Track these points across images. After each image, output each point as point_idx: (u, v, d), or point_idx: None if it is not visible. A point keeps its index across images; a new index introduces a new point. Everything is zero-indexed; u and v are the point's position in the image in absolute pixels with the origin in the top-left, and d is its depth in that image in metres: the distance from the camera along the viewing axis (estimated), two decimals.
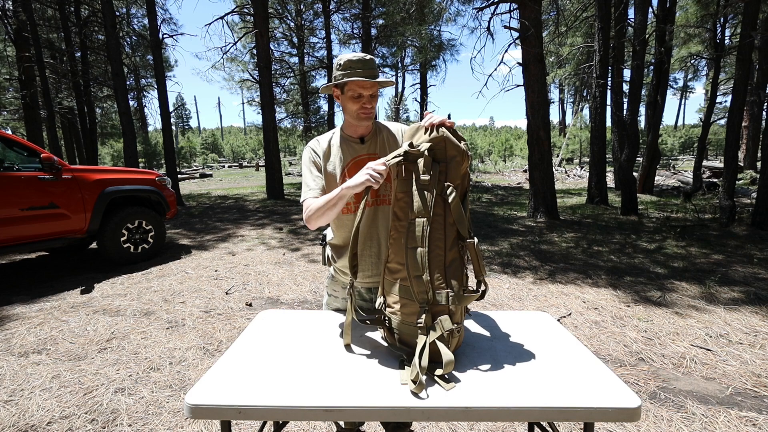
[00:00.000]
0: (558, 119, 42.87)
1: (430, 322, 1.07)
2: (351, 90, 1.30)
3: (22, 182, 3.89)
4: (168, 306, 3.45)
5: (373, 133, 1.42)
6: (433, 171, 1.10)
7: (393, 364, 1.12)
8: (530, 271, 4.38)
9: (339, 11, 15.18)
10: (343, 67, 1.30)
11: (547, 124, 7.08)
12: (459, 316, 1.11)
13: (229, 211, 8.90)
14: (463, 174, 1.14)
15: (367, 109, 1.33)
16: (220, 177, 21.81)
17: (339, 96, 1.36)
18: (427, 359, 1.02)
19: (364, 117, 1.34)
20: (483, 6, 7.71)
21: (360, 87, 1.30)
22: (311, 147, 1.42)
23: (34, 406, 2.06)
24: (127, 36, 15.67)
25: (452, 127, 1.16)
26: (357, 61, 1.29)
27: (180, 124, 53.51)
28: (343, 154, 1.39)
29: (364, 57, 1.30)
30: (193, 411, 0.94)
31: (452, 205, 1.09)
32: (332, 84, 1.33)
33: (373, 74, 1.30)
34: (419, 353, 1.03)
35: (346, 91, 1.32)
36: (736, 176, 7.03)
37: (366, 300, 1.50)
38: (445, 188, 1.10)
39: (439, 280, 1.08)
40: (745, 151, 16.65)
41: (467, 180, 1.16)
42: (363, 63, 1.29)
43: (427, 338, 1.06)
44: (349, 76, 1.28)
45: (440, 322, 1.06)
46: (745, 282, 3.87)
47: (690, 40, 13.64)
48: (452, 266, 1.10)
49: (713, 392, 2.15)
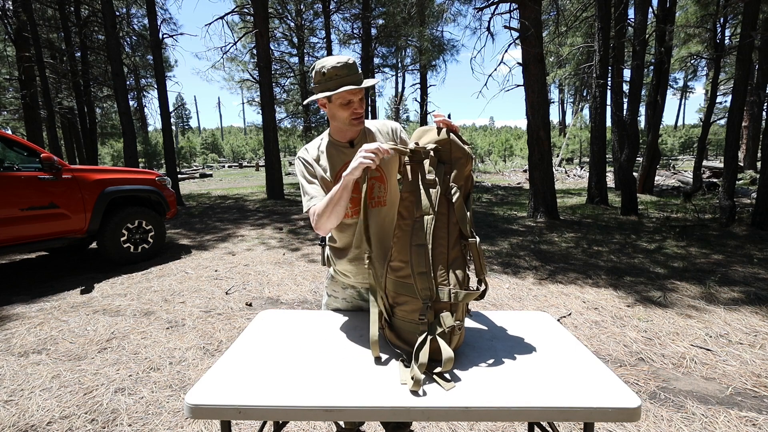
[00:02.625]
0: (558, 119, 42.90)
1: (432, 319, 1.08)
2: (340, 98, 1.28)
3: (22, 182, 3.88)
4: (168, 306, 3.45)
5: (362, 135, 1.41)
6: (438, 171, 1.15)
7: (393, 363, 1.12)
8: (530, 271, 4.38)
9: (339, 11, 15.20)
10: (327, 75, 1.25)
11: (547, 124, 7.08)
12: (460, 314, 1.12)
13: (229, 211, 8.91)
14: (467, 176, 1.18)
15: (358, 113, 1.32)
16: (220, 177, 21.82)
17: (326, 105, 1.32)
18: (426, 355, 1.03)
19: (356, 122, 1.33)
20: (483, 6, 7.72)
21: (350, 94, 1.27)
22: (302, 157, 1.40)
23: (34, 406, 2.06)
24: (127, 36, 15.67)
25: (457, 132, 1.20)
26: (341, 67, 1.25)
27: (180, 124, 53.53)
28: (333, 159, 1.37)
29: (347, 62, 1.26)
30: (193, 411, 0.94)
31: (456, 205, 1.13)
32: (323, 96, 1.28)
33: (358, 79, 1.28)
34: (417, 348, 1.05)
35: (334, 100, 1.29)
36: (736, 176, 7.03)
37: (365, 300, 1.50)
38: (450, 188, 1.13)
39: (443, 276, 1.10)
40: (745, 151, 16.65)
41: (471, 182, 1.21)
42: (348, 68, 1.25)
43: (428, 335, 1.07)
44: (337, 85, 1.25)
45: (442, 318, 1.07)
46: (745, 282, 3.87)
47: (690, 40, 13.63)
48: (455, 264, 1.12)
49: (713, 392, 2.15)
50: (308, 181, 1.36)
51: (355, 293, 1.51)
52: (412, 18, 11.48)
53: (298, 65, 16.70)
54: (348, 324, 1.40)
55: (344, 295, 1.52)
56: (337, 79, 1.25)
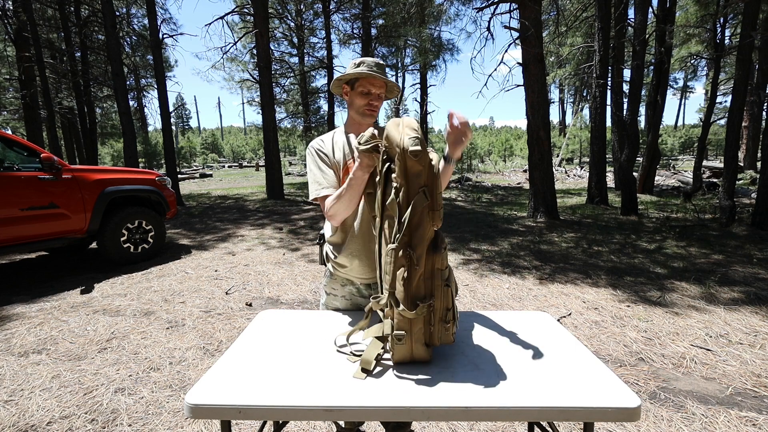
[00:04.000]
0: (558, 119, 42.88)
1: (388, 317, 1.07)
2: (362, 86, 1.38)
3: (22, 182, 3.88)
4: (168, 306, 3.45)
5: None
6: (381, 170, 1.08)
7: (392, 363, 1.12)
8: (530, 271, 4.38)
9: (339, 11, 15.18)
10: (356, 64, 1.39)
11: (547, 124, 7.08)
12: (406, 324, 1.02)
13: (229, 211, 8.90)
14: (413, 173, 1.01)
15: (373, 106, 1.41)
16: (220, 177, 21.81)
17: (348, 92, 1.42)
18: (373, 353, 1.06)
19: (368, 114, 1.41)
20: (483, 6, 7.72)
21: (370, 84, 1.38)
22: (316, 146, 1.44)
23: (34, 406, 2.06)
24: (127, 36, 15.66)
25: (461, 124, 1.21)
26: (372, 62, 1.39)
27: (180, 124, 53.54)
28: (343, 152, 1.42)
29: (379, 61, 1.41)
30: (194, 411, 0.94)
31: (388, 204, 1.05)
32: (345, 78, 1.40)
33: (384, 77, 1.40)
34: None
35: (356, 87, 1.39)
36: (736, 176, 7.03)
37: (364, 296, 1.52)
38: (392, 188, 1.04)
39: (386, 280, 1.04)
40: (745, 151, 16.66)
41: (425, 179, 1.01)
42: (377, 65, 1.39)
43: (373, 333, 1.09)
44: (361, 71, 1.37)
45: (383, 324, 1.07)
46: (745, 282, 3.87)
47: (690, 40, 13.64)
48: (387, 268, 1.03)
49: (713, 392, 2.15)
50: (319, 168, 1.40)
51: (354, 290, 1.52)
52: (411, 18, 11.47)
53: (298, 65, 16.69)
54: (348, 324, 1.40)
55: (343, 293, 1.52)
56: (365, 67, 1.38)
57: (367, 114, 1.41)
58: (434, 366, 1.10)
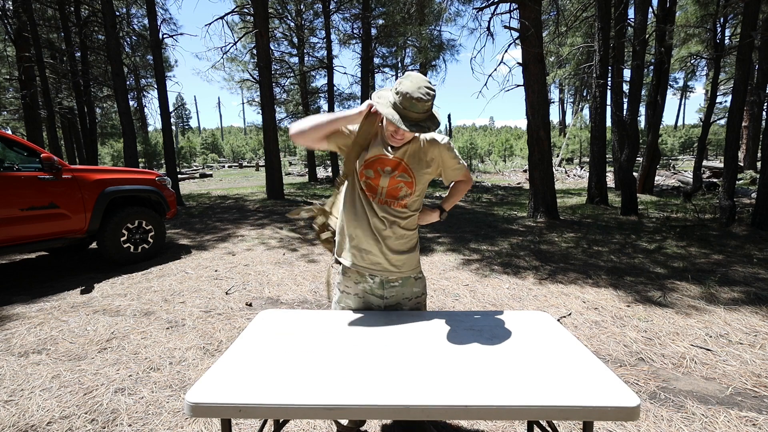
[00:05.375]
0: (558, 119, 42.89)
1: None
2: (389, 124, 1.35)
3: (22, 182, 3.88)
4: (168, 306, 3.45)
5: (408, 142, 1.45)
6: None
7: (394, 363, 1.12)
8: (530, 271, 4.38)
9: (339, 11, 15.18)
10: (400, 96, 1.26)
11: (547, 124, 7.08)
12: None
13: (229, 211, 8.90)
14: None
15: (397, 140, 1.39)
16: (220, 177, 21.81)
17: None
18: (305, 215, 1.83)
19: (393, 142, 1.41)
20: (483, 6, 7.71)
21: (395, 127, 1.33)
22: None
23: (34, 406, 2.06)
24: (127, 36, 15.66)
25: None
26: (416, 99, 1.24)
27: (180, 124, 53.56)
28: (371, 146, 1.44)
29: (422, 96, 1.24)
30: (194, 409, 0.94)
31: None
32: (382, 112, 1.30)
33: (419, 119, 1.28)
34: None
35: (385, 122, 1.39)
36: (736, 176, 7.03)
37: (376, 295, 1.54)
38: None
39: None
40: (745, 151, 16.66)
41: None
42: (419, 103, 1.25)
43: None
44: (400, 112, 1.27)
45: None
46: (745, 282, 3.87)
47: (690, 40, 13.64)
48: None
49: (713, 392, 2.15)
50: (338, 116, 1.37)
51: (367, 287, 1.54)
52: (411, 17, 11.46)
53: (298, 65, 16.68)
54: (348, 323, 1.41)
55: (356, 290, 1.55)
56: (401, 106, 1.27)
57: (392, 142, 1.41)
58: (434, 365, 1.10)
